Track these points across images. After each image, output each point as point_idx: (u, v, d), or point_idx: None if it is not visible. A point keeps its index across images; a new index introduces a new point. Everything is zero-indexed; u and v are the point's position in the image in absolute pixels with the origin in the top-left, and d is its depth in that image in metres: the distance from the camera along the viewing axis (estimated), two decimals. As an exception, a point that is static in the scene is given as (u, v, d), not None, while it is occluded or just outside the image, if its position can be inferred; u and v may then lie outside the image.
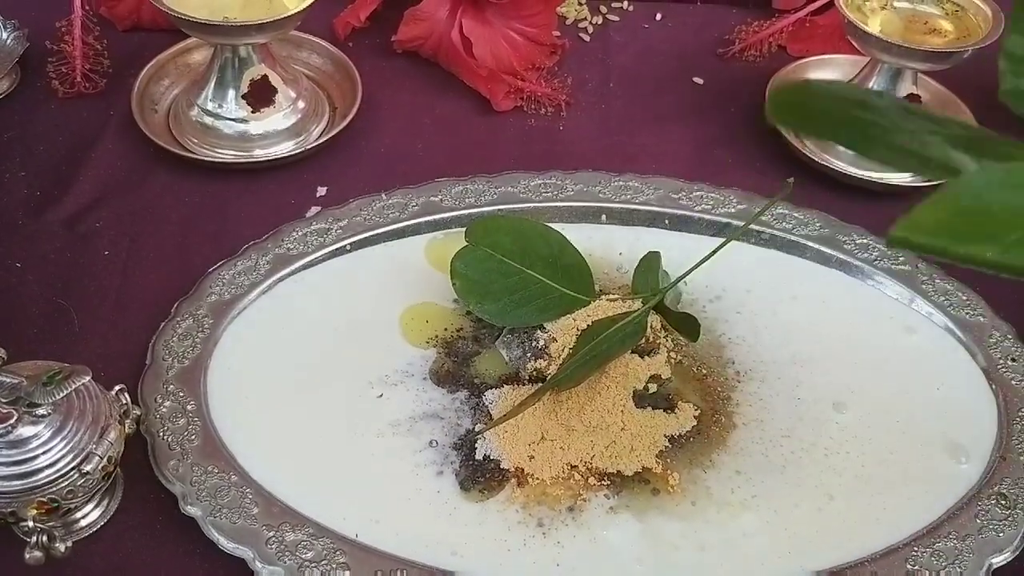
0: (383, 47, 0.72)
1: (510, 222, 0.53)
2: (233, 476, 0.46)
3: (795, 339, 0.54)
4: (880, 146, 0.34)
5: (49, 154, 0.64)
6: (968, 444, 0.49)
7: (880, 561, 0.44)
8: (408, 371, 0.51)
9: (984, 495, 0.47)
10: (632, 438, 0.48)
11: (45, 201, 0.60)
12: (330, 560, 0.43)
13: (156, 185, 0.62)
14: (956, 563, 0.44)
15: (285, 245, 0.56)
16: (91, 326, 0.54)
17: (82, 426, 0.42)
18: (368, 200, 0.59)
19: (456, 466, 0.47)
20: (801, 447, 0.49)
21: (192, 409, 0.48)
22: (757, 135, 0.67)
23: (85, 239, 0.58)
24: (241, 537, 0.44)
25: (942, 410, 0.51)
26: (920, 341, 0.54)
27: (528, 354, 0.51)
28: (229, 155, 0.63)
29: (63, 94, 0.66)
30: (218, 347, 0.51)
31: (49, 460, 0.41)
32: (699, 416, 0.50)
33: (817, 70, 0.71)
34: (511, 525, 0.45)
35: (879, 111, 0.34)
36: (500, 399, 0.50)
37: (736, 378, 0.52)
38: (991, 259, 0.30)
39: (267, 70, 0.63)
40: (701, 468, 0.48)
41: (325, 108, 0.67)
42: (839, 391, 0.51)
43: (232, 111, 0.63)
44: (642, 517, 0.46)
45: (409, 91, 0.70)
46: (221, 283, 0.54)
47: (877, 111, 0.34)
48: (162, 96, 0.67)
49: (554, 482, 0.47)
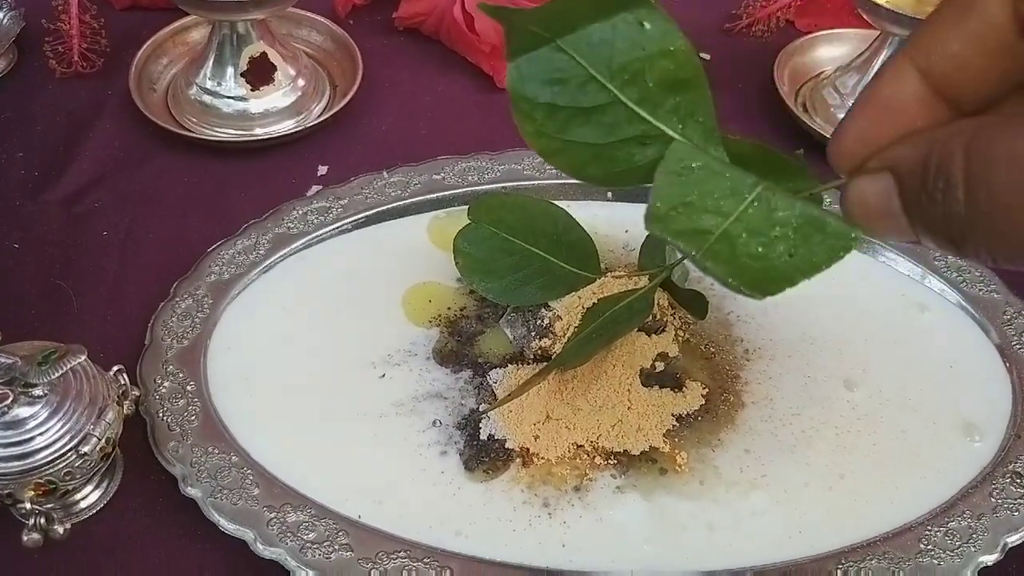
0: (384, 24, 0.71)
1: (514, 200, 0.52)
2: (234, 457, 0.45)
3: (805, 317, 0.53)
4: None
5: (47, 134, 0.63)
6: (982, 422, 0.48)
7: (892, 540, 0.44)
8: (411, 351, 0.50)
9: (998, 473, 0.46)
10: (639, 417, 0.47)
11: (43, 182, 0.60)
12: (332, 541, 0.43)
13: (155, 165, 0.61)
14: (970, 542, 0.43)
15: (285, 224, 0.55)
16: (90, 307, 0.53)
17: (79, 407, 0.41)
18: (369, 178, 0.58)
19: (460, 446, 0.47)
20: (811, 426, 0.48)
21: (192, 390, 0.48)
22: (765, 110, 0.66)
23: (83, 219, 0.57)
24: (242, 518, 0.43)
25: (955, 388, 0.50)
26: (933, 318, 0.53)
27: (532, 333, 0.50)
28: (228, 134, 0.62)
29: (60, 74, 0.66)
30: (218, 327, 0.51)
31: (46, 441, 0.40)
32: (707, 395, 0.49)
33: (826, 45, 0.70)
34: (516, 505, 0.45)
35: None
36: (504, 378, 0.49)
37: (745, 356, 0.51)
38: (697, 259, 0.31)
39: (266, 47, 0.62)
40: (709, 447, 0.47)
41: (325, 86, 0.66)
42: (850, 369, 0.50)
43: (231, 89, 0.62)
44: (649, 497, 0.45)
45: (410, 69, 0.69)
46: (221, 263, 0.53)
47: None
48: (160, 75, 0.66)
49: (560, 462, 0.46)
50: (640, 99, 0.34)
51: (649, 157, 0.35)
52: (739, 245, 0.31)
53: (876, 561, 0.43)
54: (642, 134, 0.35)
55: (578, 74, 0.34)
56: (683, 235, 0.32)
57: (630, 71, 0.34)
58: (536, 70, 0.34)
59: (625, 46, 0.33)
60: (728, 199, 0.32)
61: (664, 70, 0.33)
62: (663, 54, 0.33)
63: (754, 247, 0.31)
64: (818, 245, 0.31)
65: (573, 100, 0.34)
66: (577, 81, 0.34)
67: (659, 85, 0.34)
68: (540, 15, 0.33)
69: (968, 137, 0.25)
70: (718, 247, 0.31)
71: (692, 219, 0.32)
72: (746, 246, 0.31)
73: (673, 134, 0.34)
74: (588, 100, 0.34)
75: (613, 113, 0.34)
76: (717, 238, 0.31)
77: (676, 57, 0.33)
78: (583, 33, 0.33)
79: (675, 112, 0.34)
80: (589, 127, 0.35)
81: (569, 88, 0.34)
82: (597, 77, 0.34)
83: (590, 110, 0.35)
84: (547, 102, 0.34)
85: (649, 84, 0.34)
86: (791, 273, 0.31)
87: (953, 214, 0.25)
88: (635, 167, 0.35)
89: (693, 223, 0.32)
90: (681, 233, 0.32)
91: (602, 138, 0.35)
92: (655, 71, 0.34)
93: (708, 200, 0.32)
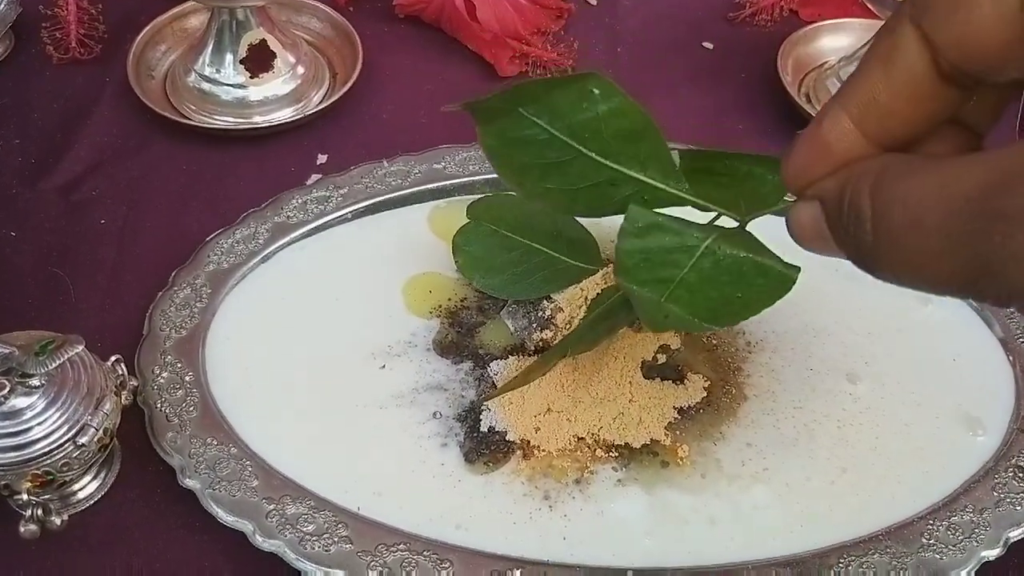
0: (384, 12, 0.71)
1: (512, 199, 0.52)
2: (232, 448, 0.45)
3: (808, 309, 0.52)
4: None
5: (44, 121, 0.62)
6: (985, 416, 0.48)
7: (894, 535, 0.43)
8: (411, 342, 0.50)
9: (1001, 468, 0.46)
10: (640, 410, 0.47)
11: (40, 169, 0.59)
12: (332, 533, 0.42)
13: (153, 153, 0.61)
14: (972, 537, 0.43)
15: (285, 213, 0.55)
16: (87, 296, 0.52)
17: (77, 397, 0.41)
18: (369, 167, 0.57)
19: (460, 438, 0.46)
20: (813, 419, 0.48)
21: (190, 380, 0.47)
22: (768, 100, 0.66)
23: (81, 208, 0.57)
24: (240, 510, 0.43)
25: (958, 382, 0.50)
26: (936, 311, 0.52)
27: (534, 324, 0.50)
28: (227, 122, 0.62)
29: (58, 60, 0.65)
30: (216, 317, 0.50)
31: (43, 432, 0.40)
32: (709, 387, 0.48)
33: (829, 35, 0.69)
34: (517, 498, 0.44)
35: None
36: (505, 370, 0.49)
37: (747, 349, 0.50)
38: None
39: (266, 34, 0.62)
40: (711, 440, 0.47)
41: (325, 74, 0.66)
42: (853, 362, 0.50)
43: (230, 76, 0.62)
44: (650, 490, 0.45)
45: (411, 57, 0.68)
46: (219, 252, 0.53)
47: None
48: (159, 62, 0.66)
49: (561, 454, 0.46)
50: (601, 151, 0.39)
51: (622, 194, 0.40)
52: (695, 290, 0.38)
53: (878, 555, 0.43)
54: (610, 179, 0.40)
55: (542, 135, 0.39)
56: (648, 284, 0.38)
57: (588, 129, 0.39)
58: (505, 134, 0.39)
59: (579, 109, 0.38)
60: (681, 253, 0.38)
61: (618, 126, 0.39)
62: (613, 113, 0.38)
63: (708, 291, 0.37)
64: (762, 287, 0.38)
65: (542, 157, 0.40)
66: (543, 141, 0.39)
67: (615, 138, 0.39)
68: (503, 95, 0.38)
69: (873, 177, 0.27)
70: (678, 293, 0.38)
71: (653, 271, 0.38)
72: (701, 290, 0.37)
73: (638, 176, 0.40)
74: (556, 156, 0.39)
75: (580, 164, 0.40)
76: (676, 285, 0.38)
77: (626, 114, 0.39)
78: (543, 102, 0.38)
79: (635, 158, 0.39)
80: (562, 177, 0.40)
81: (536, 147, 0.39)
82: (560, 136, 0.39)
83: (560, 163, 0.40)
84: (520, 161, 0.40)
85: (607, 138, 0.39)
86: (741, 310, 0.38)
87: (863, 244, 0.28)
88: (612, 202, 0.40)
89: (654, 274, 0.38)
90: (645, 283, 0.38)
91: (576, 184, 0.40)
92: (610, 127, 0.39)
93: (664, 255, 0.38)
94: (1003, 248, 0.24)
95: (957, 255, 0.25)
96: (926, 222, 0.26)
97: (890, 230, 0.27)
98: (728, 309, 0.38)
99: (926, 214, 0.26)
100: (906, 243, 0.26)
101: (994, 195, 0.24)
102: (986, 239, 0.24)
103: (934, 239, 0.26)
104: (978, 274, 0.25)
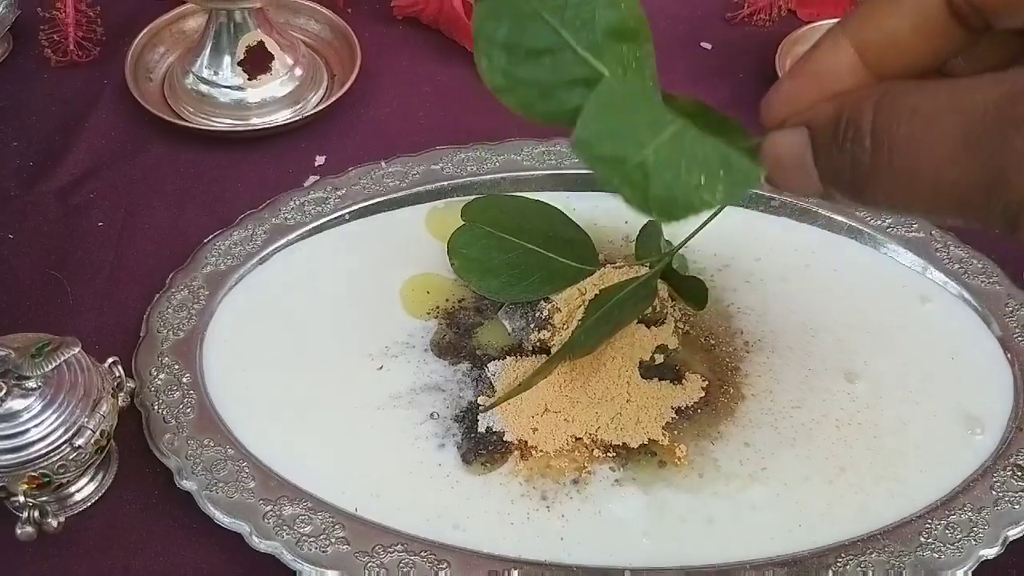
0: (382, 13, 0.71)
1: (507, 200, 0.53)
2: (229, 450, 0.45)
3: (806, 309, 0.52)
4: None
5: (42, 124, 0.62)
6: (983, 415, 0.48)
7: (893, 534, 0.43)
8: (409, 343, 0.50)
9: (1000, 466, 0.46)
10: (638, 410, 0.47)
11: (38, 172, 0.59)
12: (329, 534, 0.42)
13: (151, 155, 0.61)
14: (971, 535, 0.43)
15: (282, 215, 0.55)
16: (85, 299, 0.52)
17: (73, 399, 0.41)
18: (367, 169, 0.57)
19: (458, 439, 0.46)
20: (811, 418, 0.48)
21: (187, 382, 0.47)
22: (766, 101, 0.66)
23: (79, 210, 0.57)
24: (238, 511, 0.43)
25: (957, 380, 0.49)
26: (934, 310, 0.52)
27: (531, 325, 0.50)
28: (225, 124, 0.62)
29: (56, 63, 0.65)
30: (214, 319, 0.50)
31: (40, 434, 0.40)
32: (707, 387, 0.48)
33: (828, 34, 0.69)
34: (514, 498, 0.44)
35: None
36: (503, 371, 0.48)
37: (745, 348, 0.50)
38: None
39: (263, 36, 0.62)
40: (709, 440, 0.47)
41: (323, 76, 0.66)
42: (851, 361, 0.50)
43: (228, 78, 0.62)
44: (648, 490, 0.45)
45: (409, 58, 0.68)
46: (217, 253, 0.53)
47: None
48: (157, 64, 0.66)
49: (558, 455, 0.46)
50: (588, 44, 0.37)
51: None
52: (652, 173, 0.34)
53: (876, 554, 0.43)
54: (588, 77, 0.37)
55: (534, 16, 0.37)
56: (603, 160, 0.34)
57: (581, 18, 0.36)
58: (498, 10, 0.37)
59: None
60: (646, 130, 0.34)
61: (612, 20, 0.37)
62: (612, 4, 0.36)
63: (666, 176, 0.34)
64: (723, 179, 0.34)
65: (527, 41, 0.37)
66: (532, 23, 0.37)
67: (606, 33, 0.37)
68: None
69: (879, 94, 0.27)
70: (633, 174, 0.34)
71: (612, 146, 0.35)
72: (659, 175, 0.34)
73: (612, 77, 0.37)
74: (540, 42, 0.37)
75: (563, 55, 0.37)
76: (633, 166, 0.34)
77: (623, 8, 0.37)
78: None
79: (619, 60, 0.37)
80: (540, 67, 0.37)
81: (525, 29, 0.37)
82: (550, 21, 0.37)
83: (541, 51, 0.37)
84: (503, 40, 0.37)
85: (597, 31, 0.37)
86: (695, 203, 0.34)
87: (858, 163, 0.27)
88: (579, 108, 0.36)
89: (613, 150, 0.34)
90: (601, 159, 0.34)
91: (551, 77, 0.37)
92: (604, 20, 0.37)
93: (628, 130, 0.35)
94: (1020, 152, 0.24)
95: (971, 163, 0.25)
96: (938, 132, 0.26)
97: (894, 143, 0.27)
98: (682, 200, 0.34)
99: (937, 125, 0.26)
100: (911, 155, 0.26)
101: (1010, 105, 0.25)
102: (1004, 144, 0.25)
103: (946, 147, 0.26)
104: (992, 181, 0.25)
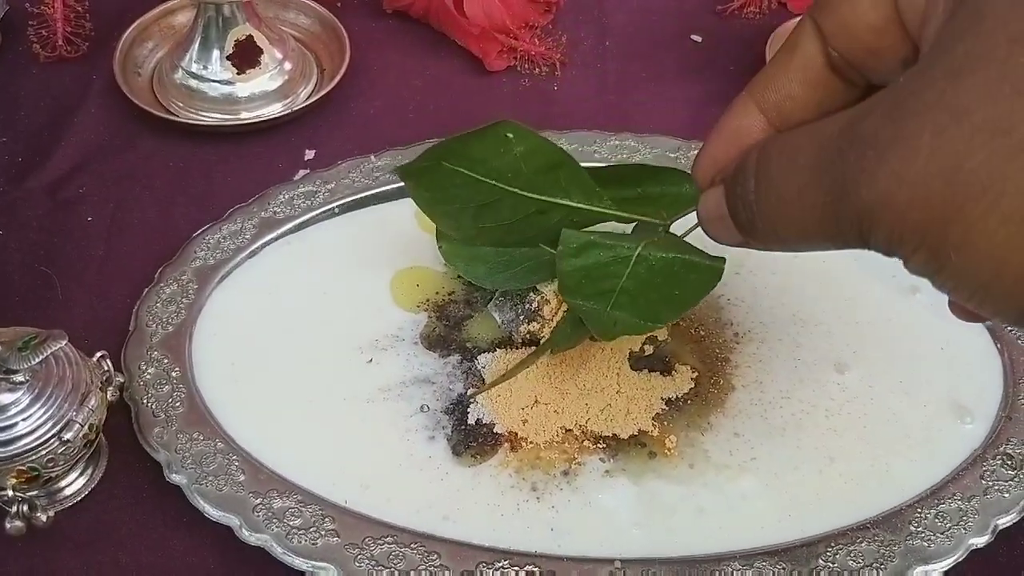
0: (372, 7, 0.70)
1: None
2: (219, 443, 0.45)
3: (795, 299, 0.52)
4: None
5: (30, 120, 0.62)
6: (973, 404, 0.48)
7: (883, 523, 0.43)
8: (398, 335, 0.50)
9: (989, 455, 0.46)
10: (628, 401, 0.47)
11: (27, 167, 0.59)
12: (319, 527, 0.42)
13: (140, 150, 0.61)
14: (961, 524, 0.43)
15: (272, 208, 0.55)
16: (75, 294, 0.52)
17: (62, 393, 0.41)
18: (357, 162, 0.57)
19: (448, 431, 0.46)
20: (801, 409, 0.48)
21: (176, 376, 0.47)
22: (756, 93, 0.66)
23: (68, 205, 0.57)
24: (227, 505, 0.43)
25: (946, 370, 0.49)
26: (924, 300, 0.52)
27: (521, 317, 0.50)
28: (214, 118, 0.61)
29: (44, 58, 0.65)
30: (203, 313, 0.50)
31: (28, 428, 0.40)
32: (696, 378, 0.48)
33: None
34: (504, 490, 0.44)
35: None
36: (493, 363, 0.48)
37: (735, 339, 0.50)
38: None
39: (252, 30, 0.62)
40: (699, 431, 0.47)
41: (313, 69, 0.66)
42: (840, 351, 0.50)
43: (217, 73, 0.62)
44: (638, 480, 0.45)
45: (399, 52, 0.68)
46: (206, 247, 0.52)
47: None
48: (146, 59, 0.66)
49: (548, 446, 0.46)
50: (525, 186, 0.43)
51: (552, 220, 0.44)
52: (636, 295, 0.42)
53: (866, 544, 0.43)
54: (538, 209, 0.44)
55: (468, 182, 0.43)
56: (592, 297, 0.42)
57: (510, 169, 0.43)
58: (435, 187, 0.44)
59: (498, 154, 0.42)
60: (617, 264, 0.42)
61: (536, 162, 0.43)
62: (530, 152, 0.42)
63: (647, 294, 0.42)
64: (695, 281, 0.42)
65: (473, 201, 0.44)
66: (470, 187, 0.43)
67: (536, 173, 0.43)
68: (426, 155, 0.43)
69: (764, 142, 0.30)
70: (621, 300, 0.42)
71: (595, 285, 0.42)
72: (641, 294, 0.42)
73: (563, 202, 0.44)
74: (484, 198, 0.44)
75: (509, 202, 0.44)
76: (618, 294, 0.42)
77: (541, 151, 0.43)
78: (463, 154, 0.42)
79: (558, 186, 0.43)
80: (494, 214, 0.44)
81: (465, 193, 0.43)
82: (485, 180, 0.43)
83: (489, 204, 0.44)
84: (452, 208, 0.44)
85: (528, 175, 0.43)
86: (679, 305, 0.43)
87: (747, 204, 0.30)
88: (545, 230, 0.45)
89: (596, 288, 0.42)
90: (590, 296, 0.42)
91: (508, 219, 0.44)
92: (529, 165, 0.43)
93: (602, 269, 0.42)
94: (855, 165, 0.26)
95: (821, 184, 0.27)
96: (800, 161, 0.28)
97: (769, 179, 0.29)
98: (669, 306, 0.42)
99: (799, 155, 0.28)
100: (780, 185, 0.29)
101: (849, 126, 0.27)
102: (843, 161, 0.26)
103: (805, 174, 0.28)
104: (836, 197, 0.27)
